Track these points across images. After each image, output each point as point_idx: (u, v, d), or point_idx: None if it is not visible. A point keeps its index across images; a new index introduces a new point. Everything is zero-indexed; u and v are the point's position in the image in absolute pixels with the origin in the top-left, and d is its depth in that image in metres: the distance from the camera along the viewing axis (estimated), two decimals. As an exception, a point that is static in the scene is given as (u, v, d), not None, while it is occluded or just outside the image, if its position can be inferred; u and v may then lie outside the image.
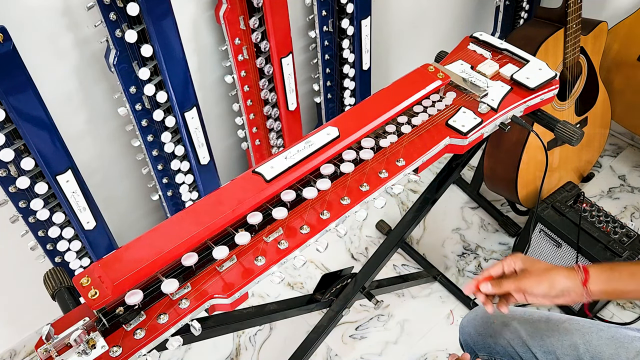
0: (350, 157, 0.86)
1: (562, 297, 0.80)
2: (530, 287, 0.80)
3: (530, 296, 0.81)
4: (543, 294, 0.80)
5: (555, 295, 0.80)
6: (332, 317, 1.23)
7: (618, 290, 0.79)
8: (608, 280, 0.80)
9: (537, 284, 0.80)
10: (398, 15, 1.69)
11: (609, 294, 0.80)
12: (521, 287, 0.81)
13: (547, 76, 1.00)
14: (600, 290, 0.79)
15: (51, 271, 0.77)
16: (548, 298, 0.80)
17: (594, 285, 0.79)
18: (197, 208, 0.76)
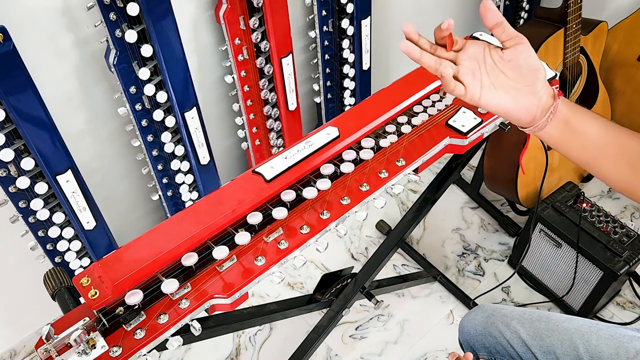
0: (350, 157, 0.86)
1: (533, 85, 0.67)
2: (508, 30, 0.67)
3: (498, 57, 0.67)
4: (533, 64, 0.67)
5: (534, 69, 0.67)
6: (332, 317, 1.23)
7: (580, 124, 0.69)
8: (574, 108, 0.69)
9: (524, 48, 0.67)
10: (398, 15, 1.69)
11: (569, 124, 0.69)
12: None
13: (547, 76, 0.99)
14: (565, 113, 0.68)
15: (51, 271, 0.77)
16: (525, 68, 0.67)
17: (563, 105, 0.68)
18: (197, 208, 0.76)
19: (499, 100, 0.67)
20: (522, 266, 1.57)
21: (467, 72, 0.67)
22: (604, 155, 0.70)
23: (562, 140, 0.70)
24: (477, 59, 0.67)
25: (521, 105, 0.67)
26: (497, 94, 0.67)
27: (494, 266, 1.65)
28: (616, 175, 0.70)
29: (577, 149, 0.70)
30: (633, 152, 0.69)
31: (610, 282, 1.35)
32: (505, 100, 0.67)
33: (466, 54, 0.68)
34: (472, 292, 1.58)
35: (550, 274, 1.50)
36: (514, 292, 1.59)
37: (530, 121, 0.69)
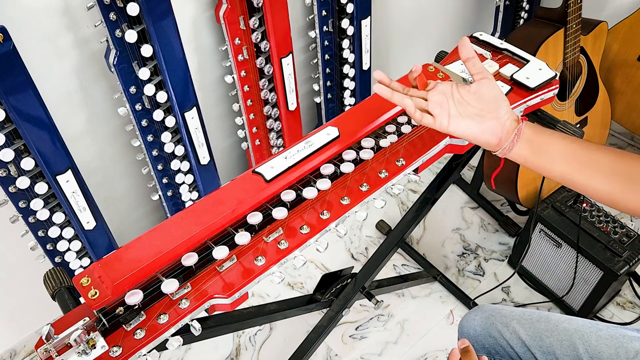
0: (350, 157, 0.86)
1: (496, 112, 0.76)
2: (491, 84, 0.76)
3: (462, 91, 0.77)
4: (495, 95, 0.76)
5: (496, 99, 0.76)
6: (332, 317, 1.23)
7: (545, 142, 0.76)
8: (539, 130, 0.77)
9: (488, 82, 0.76)
10: (398, 15, 1.69)
11: (534, 144, 0.76)
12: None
13: (547, 76, 0.99)
14: (529, 134, 0.76)
15: (51, 271, 0.77)
16: (486, 99, 0.76)
17: (527, 127, 0.76)
18: (197, 208, 0.76)
19: (466, 126, 0.77)
20: (522, 266, 1.57)
21: (435, 105, 0.78)
22: (575, 171, 0.76)
23: (531, 160, 0.78)
24: (444, 94, 0.78)
25: (486, 130, 0.77)
26: (464, 122, 0.77)
27: (494, 266, 1.65)
28: (593, 188, 0.76)
29: (547, 167, 0.77)
30: (603, 165, 0.75)
31: (610, 282, 1.35)
32: (471, 126, 0.77)
33: (435, 90, 0.79)
34: (472, 292, 1.58)
35: (550, 274, 1.51)
36: (514, 292, 1.59)
37: (498, 143, 0.77)
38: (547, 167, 0.77)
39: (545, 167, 0.77)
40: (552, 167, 0.76)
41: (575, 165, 0.75)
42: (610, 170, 0.74)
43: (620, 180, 0.74)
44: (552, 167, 0.77)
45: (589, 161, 0.75)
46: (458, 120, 0.77)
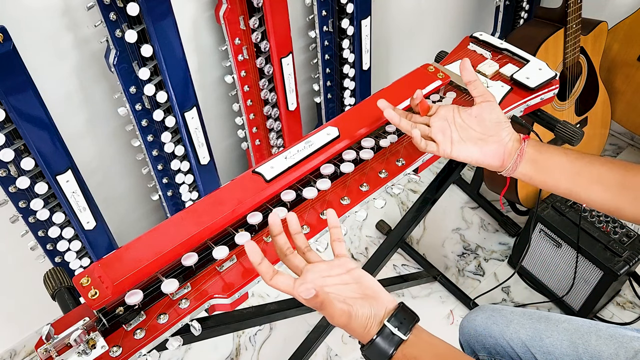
0: (350, 157, 0.86)
1: (498, 135, 0.77)
2: (479, 88, 0.78)
3: (464, 114, 0.78)
4: (496, 118, 0.77)
5: (497, 122, 0.77)
6: (332, 317, 1.23)
7: (549, 160, 0.77)
8: (543, 148, 0.78)
9: (497, 107, 0.78)
10: (398, 15, 1.69)
11: (538, 163, 0.77)
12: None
13: (547, 76, 1.00)
14: (532, 153, 0.77)
15: (51, 271, 0.77)
16: (488, 123, 0.77)
17: (529, 147, 0.77)
18: (197, 208, 0.76)
19: (468, 152, 0.79)
20: (522, 266, 1.57)
21: (437, 132, 0.80)
22: (580, 188, 0.76)
23: (536, 179, 0.78)
24: (446, 119, 0.80)
25: (488, 153, 0.78)
26: (466, 147, 0.79)
27: (494, 266, 1.65)
28: (600, 204, 0.77)
29: (553, 185, 0.78)
30: (610, 181, 0.75)
31: (610, 282, 1.35)
32: (473, 151, 0.79)
33: (437, 116, 0.81)
34: (472, 292, 1.58)
35: (550, 274, 1.51)
36: (514, 292, 1.59)
37: (501, 165, 0.79)
38: (552, 185, 0.78)
39: (550, 185, 0.78)
40: (557, 185, 0.77)
41: (581, 182, 0.76)
42: (617, 185, 0.74)
43: (627, 194, 0.74)
44: (557, 185, 0.78)
45: (594, 178, 0.76)
46: (460, 145, 0.79)
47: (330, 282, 0.65)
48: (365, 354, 0.65)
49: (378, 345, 0.63)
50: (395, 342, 0.63)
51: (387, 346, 0.63)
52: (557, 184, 0.77)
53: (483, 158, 0.79)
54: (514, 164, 0.78)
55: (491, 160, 0.79)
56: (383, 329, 0.63)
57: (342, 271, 0.67)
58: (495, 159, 0.78)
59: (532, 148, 0.78)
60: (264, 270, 0.63)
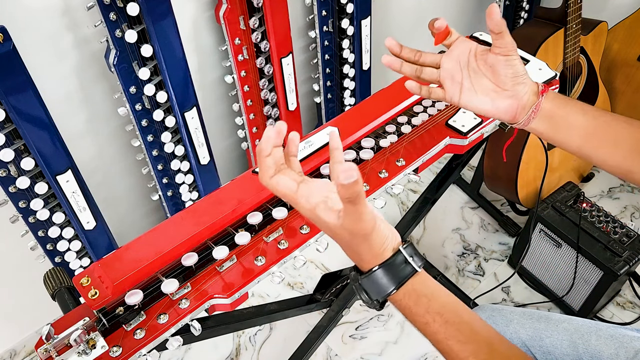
0: (350, 157, 0.86)
1: (513, 90, 0.68)
2: (506, 41, 0.66)
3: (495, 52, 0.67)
4: (517, 69, 0.68)
5: (514, 76, 0.68)
6: (332, 317, 1.23)
7: (564, 119, 0.70)
8: (561, 104, 0.71)
9: (512, 42, 0.66)
10: (398, 15, 1.69)
11: (553, 120, 0.70)
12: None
13: (547, 76, 1.00)
14: (549, 109, 0.70)
15: (51, 271, 0.77)
16: (503, 77, 0.68)
17: (547, 102, 0.70)
18: (197, 208, 0.76)
19: (478, 102, 0.70)
20: (522, 266, 1.57)
21: (446, 76, 0.71)
22: (592, 147, 0.71)
23: (547, 135, 0.72)
24: (459, 62, 0.71)
25: (500, 107, 0.70)
26: (477, 97, 0.70)
27: (494, 266, 1.65)
28: (609, 165, 0.72)
29: (564, 142, 0.72)
30: (624, 143, 0.70)
31: (610, 282, 1.35)
32: (484, 102, 0.70)
33: (450, 56, 0.71)
34: (472, 292, 1.58)
35: (550, 274, 1.50)
36: (514, 292, 1.59)
37: (512, 119, 0.71)
38: (563, 142, 0.72)
39: (561, 142, 0.73)
40: (569, 142, 0.72)
41: (594, 142, 0.71)
42: (631, 148, 0.69)
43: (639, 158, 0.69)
44: (569, 143, 0.72)
45: (609, 139, 0.70)
46: (471, 94, 0.71)
47: (335, 197, 0.56)
48: (362, 282, 0.58)
49: (388, 270, 0.57)
50: (407, 273, 0.57)
51: (396, 277, 0.57)
52: (568, 142, 0.72)
53: (495, 111, 0.71)
54: (527, 119, 0.71)
55: (503, 114, 0.71)
56: (396, 254, 0.57)
57: None
58: (508, 114, 0.71)
59: (549, 103, 0.70)
60: (268, 163, 0.57)
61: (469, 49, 0.70)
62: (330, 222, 0.55)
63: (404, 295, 0.57)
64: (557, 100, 0.71)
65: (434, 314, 0.57)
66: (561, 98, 0.72)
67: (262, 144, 0.57)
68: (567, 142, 0.72)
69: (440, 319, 0.57)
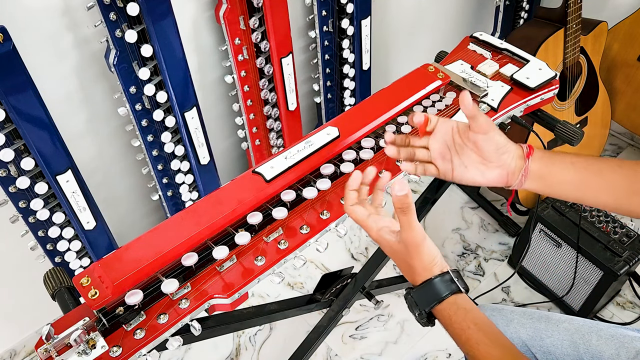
0: (350, 157, 0.86)
1: (499, 161, 0.73)
2: (480, 123, 0.72)
3: (471, 138, 0.73)
4: (496, 143, 0.73)
5: (496, 149, 0.73)
6: (332, 317, 1.23)
7: (555, 176, 0.75)
8: (549, 162, 0.75)
9: (498, 132, 0.73)
10: (398, 15, 1.69)
11: (544, 179, 0.75)
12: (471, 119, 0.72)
13: (547, 76, 1.00)
14: (538, 170, 0.74)
15: (51, 271, 0.77)
16: (487, 153, 0.73)
17: (534, 163, 0.74)
18: (197, 208, 0.76)
19: (470, 176, 0.76)
20: (522, 266, 1.57)
21: (437, 157, 0.77)
22: (590, 197, 0.76)
23: (543, 191, 0.77)
24: (445, 142, 0.76)
25: (490, 177, 0.76)
26: (468, 172, 0.76)
27: (494, 266, 1.65)
28: (612, 208, 0.77)
29: (562, 195, 0.78)
30: (620, 188, 0.74)
31: (610, 282, 1.35)
32: (475, 175, 0.76)
33: (435, 138, 0.77)
34: (472, 292, 1.58)
35: (550, 274, 1.50)
36: (514, 292, 1.59)
37: (506, 184, 0.77)
38: (560, 196, 0.78)
39: (559, 196, 0.78)
40: (566, 195, 0.77)
41: (590, 192, 0.75)
42: (628, 191, 0.73)
43: (637, 198, 0.73)
44: (566, 195, 0.77)
45: (603, 186, 0.75)
46: (462, 170, 0.76)
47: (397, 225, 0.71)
48: (415, 292, 0.70)
49: (435, 285, 0.68)
50: (453, 289, 0.68)
51: (444, 290, 0.68)
52: (566, 195, 0.77)
53: (486, 182, 0.77)
54: (519, 182, 0.76)
55: (495, 182, 0.76)
56: (445, 273, 0.69)
57: None
58: (499, 181, 0.76)
59: (537, 163, 0.75)
60: (352, 195, 0.72)
61: (451, 128, 0.76)
62: (391, 240, 0.70)
63: (448, 305, 0.68)
64: (545, 159, 0.76)
65: (469, 322, 0.67)
66: (548, 156, 0.76)
67: (351, 180, 0.72)
68: (564, 196, 0.77)
69: (474, 326, 0.66)
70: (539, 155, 0.75)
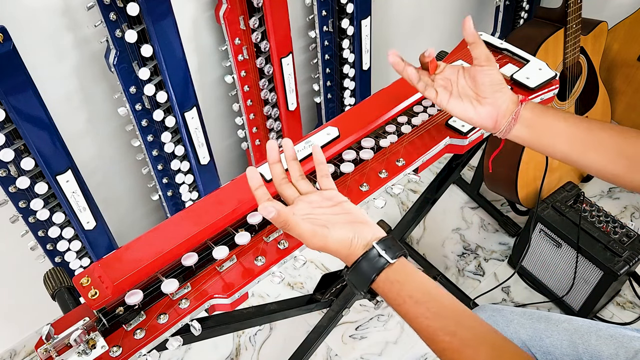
0: (350, 157, 0.86)
1: (492, 97, 0.76)
2: (479, 51, 0.76)
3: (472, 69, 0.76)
4: (492, 81, 0.76)
5: (491, 84, 0.75)
6: (332, 317, 1.23)
7: (545, 126, 0.75)
8: (540, 112, 0.76)
9: (497, 71, 0.76)
10: (398, 15, 1.69)
11: (534, 128, 0.76)
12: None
13: (547, 76, 1.00)
14: (529, 118, 0.75)
15: (51, 271, 0.77)
16: (481, 86, 0.76)
17: (526, 110, 0.76)
18: (197, 208, 0.76)
19: (463, 108, 0.79)
20: (522, 266, 1.57)
21: (439, 85, 0.80)
22: (577, 153, 0.75)
23: (530, 142, 0.77)
24: (450, 79, 0.80)
25: (482, 113, 0.78)
26: (462, 103, 0.79)
27: (494, 266, 1.65)
28: (596, 170, 0.76)
29: (548, 149, 0.77)
30: (608, 147, 0.74)
31: (610, 282, 1.35)
32: (468, 109, 0.78)
33: (442, 75, 0.80)
34: (472, 292, 1.58)
35: (550, 274, 1.51)
36: (514, 292, 1.59)
37: (494, 127, 0.78)
38: (547, 149, 0.77)
39: (545, 149, 0.77)
40: (552, 149, 0.76)
41: (578, 147, 0.75)
42: (615, 152, 0.73)
43: (625, 161, 0.73)
44: (553, 149, 0.76)
45: (592, 144, 0.74)
46: (457, 100, 0.79)
47: (320, 212, 0.67)
48: (349, 277, 0.65)
49: (362, 267, 0.63)
50: (380, 265, 0.63)
51: (371, 269, 0.63)
52: (553, 149, 0.76)
53: (477, 117, 0.78)
54: (507, 127, 0.77)
55: (484, 121, 0.78)
56: (369, 250, 0.64)
57: (333, 203, 0.68)
58: (488, 121, 0.78)
59: (529, 111, 0.76)
60: (259, 195, 0.68)
61: (457, 70, 0.80)
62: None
63: (381, 283, 0.63)
64: (537, 109, 0.77)
65: (404, 296, 0.62)
66: (541, 107, 0.77)
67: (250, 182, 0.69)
68: (551, 149, 0.77)
69: (410, 300, 0.62)
70: (531, 105, 0.76)
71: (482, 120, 0.78)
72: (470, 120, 0.79)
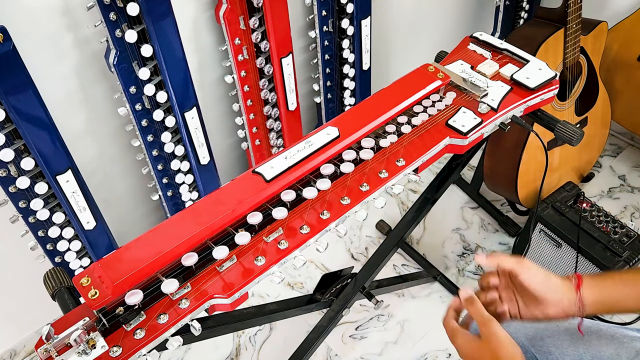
0: (350, 157, 0.86)
1: (553, 304, 0.77)
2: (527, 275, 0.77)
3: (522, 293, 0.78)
4: (536, 285, 0.76)
5: (546, 291, 0.76)
6: (332, 317, 1.23)
7: (612, 297, 0.78)
8: (601, 287, 0.78)
9: (535, 271, 0.77)
10: (398, 15, 1.69)
11: (602, 303, 0.78)
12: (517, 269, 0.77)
13: (547, 76, 1.00)
14: (593, 297, 0.77)
15: (51, 271, 0.77)
16: (537, 302, 0.77)
17: (587, 291, 0.77)
18: (197, 208, 0.76)
19: (532, 315, 0.79)
20: (522, 266, 1.57)
21: (505, 300, 0.82)
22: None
23: (606, 312, 0.80)
24: (505, 289, 0.82)
25: (551, 315, 0.78)
26: (529, 310, 0.79)
27: (494, 266, 1.65)
28: None
29: (620, 310, 0.80)
30: None
31: (610, 282, 1.35)
32: (536, 313, 0.79)
33: (500, 286, 0.82)
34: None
35: (550, 274, 1.50)
36: (514, 292, 1.59)
37: (566, 317, 0.78)
38: (621, 311, 0.80)
39: (620, 312, 0.81)
40: (626, 309, 0.80)
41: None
42: None
43: None
44: (626, 309, 0.80)
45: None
46: (526, 310, 0.80)
47: None
48: None
49: None
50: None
51: None
52: (626, 309, 0.80)
53: (548, 319, 0.79)
54: (579, 312, 0.78)
55: (557, 318, 0.79)
56: None
57: None
58: (559, 316, 0.78)
59: (590, 291, 0.77)
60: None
61: (503, 275, 0.82)
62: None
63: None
64: (597, 284, 0.78)
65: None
66: (595, 279, 0.79)
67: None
68: (625, 309, 0.80)
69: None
70: (588, 283, 0.77)
71: (554, 318, 0.79)
72: (545, 320, 0.80)
